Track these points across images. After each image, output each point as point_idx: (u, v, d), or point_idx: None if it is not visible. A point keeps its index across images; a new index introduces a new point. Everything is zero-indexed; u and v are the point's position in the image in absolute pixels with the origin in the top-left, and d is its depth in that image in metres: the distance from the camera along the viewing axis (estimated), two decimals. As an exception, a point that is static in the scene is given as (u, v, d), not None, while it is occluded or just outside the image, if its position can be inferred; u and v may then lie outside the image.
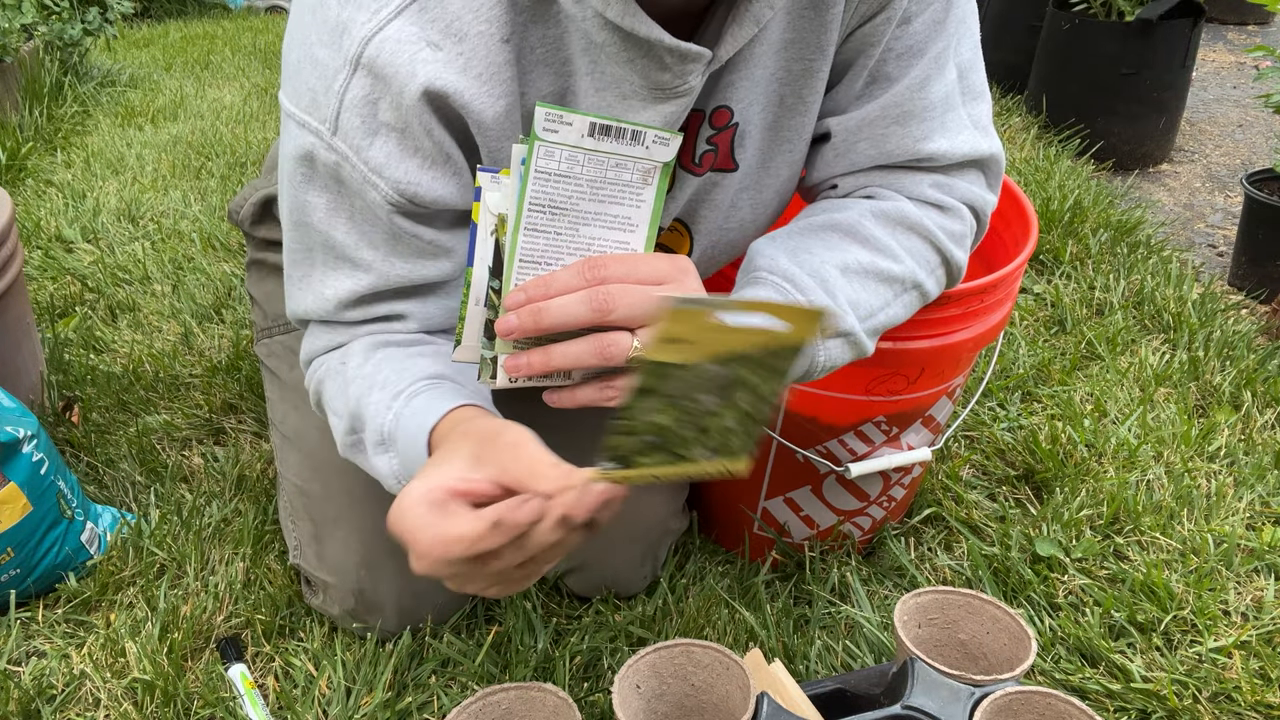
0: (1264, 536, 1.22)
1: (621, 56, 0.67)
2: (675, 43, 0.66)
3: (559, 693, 0.79)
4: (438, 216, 0.75)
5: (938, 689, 0.77)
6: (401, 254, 0.75)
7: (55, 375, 1.54)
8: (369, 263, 0.75)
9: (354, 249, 0.75)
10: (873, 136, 0.80)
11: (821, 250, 0.76)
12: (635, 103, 0.70)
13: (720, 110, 0.77)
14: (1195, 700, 1.02)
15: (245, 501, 1.30)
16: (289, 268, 0.81)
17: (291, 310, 0.84)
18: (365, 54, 0.66)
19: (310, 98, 0.69)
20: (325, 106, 0.68)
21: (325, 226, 0.74)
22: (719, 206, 0.83)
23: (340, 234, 0.74)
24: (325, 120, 0.68)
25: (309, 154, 0.70)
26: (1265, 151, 2.65)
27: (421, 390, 0.73)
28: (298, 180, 0.73)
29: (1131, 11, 2.40)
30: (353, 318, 0.79)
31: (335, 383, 0.79)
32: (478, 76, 0.67)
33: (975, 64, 0.81)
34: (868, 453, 1.10)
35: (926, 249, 0.81)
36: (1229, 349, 1.63)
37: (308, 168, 0.72)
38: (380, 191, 0.70)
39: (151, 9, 4.93)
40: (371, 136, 0.68)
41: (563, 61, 0.70)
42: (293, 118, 0.71)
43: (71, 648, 1.10)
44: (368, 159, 0.69)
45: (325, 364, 0.82)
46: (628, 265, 0.65)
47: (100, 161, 2.60)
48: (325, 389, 0.81)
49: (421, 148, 0.69)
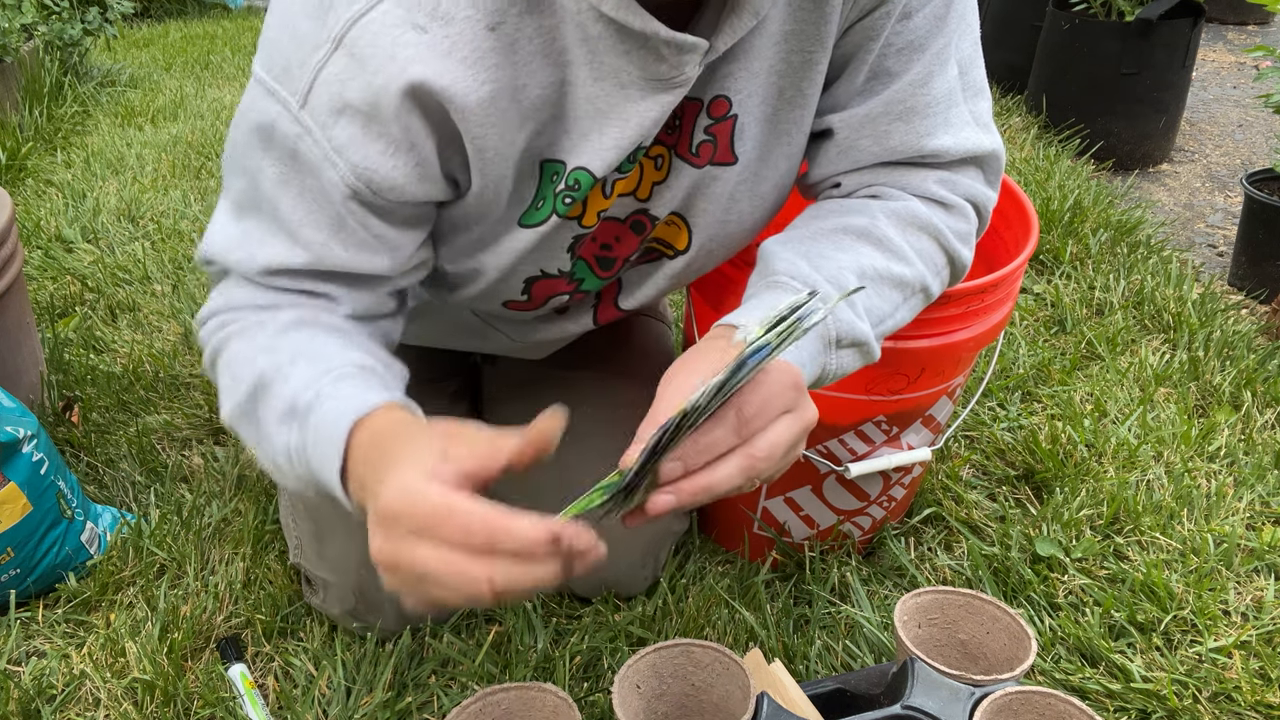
0: (1264, 536, 1.22)
1: (618, 48, 0.67)
2: (671, 34, 0.66)
3: (559, 693, 0.79)
4: (391, 212, 0.73)
5: (938, 689, 0.77)
6: (344, 242, 0.73)
7: (55, 375, 1.54)
8: (308, 241, 0.73)
9: (296, 225, 0.72)
10: (875, 133, 0.80)
11: (837, 254, 0.76)
12: (633, 92, 0.70)
13: (718, 100, 0.77)
14: (1195, 700, 1.02)
15: (245, 501, 1.30)
16: (223, 205, 0.77)
17: (208, 247, 0.77)
18: (349, 35, 0.65)
19: (284, 66, 0.68)
20: (298, 79, 0.67)
21: (272, 195, 0.72)
22: (718, 200, 0.83)
23: (285, 207, 0.72)
24: (296, 92, 0.68)
25: (270, 123, 0.69)
26: (1265, 151, 2.65)
27: (350, 375, 0.69)
28: (255, 145, 0.72)
29: (1131, 11, 2.40)
30: (279, 285, 0.75)
31: (245, 344, 0.74)
32: (462, 60, 0.67)
33: (976, 60, 0.81)
34: (868, 452, 1.10)
35: (935, 250, 0.80)
36: (1229, 349, 1.63)
37: (265, 138, 0.70)
38: (338, 171, 0.69)
39: (151, 9, 4.93)
40: (337, 116, 0.67)
41: (559, 52, 0.70)
42: (262, 84, 0.70)
43: (71, 648, 1.10)
44: (331, 136, 0.68)
45: (240, 320, 0.75)
46: (766, 406, 0.63)
47: (100, 161, 2.60)
48: (230, 347, 0.74)
49: (387, 133, 0.68)
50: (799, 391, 0.64)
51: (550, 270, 0.85)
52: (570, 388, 1.15)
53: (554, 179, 0.76)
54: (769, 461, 0.62)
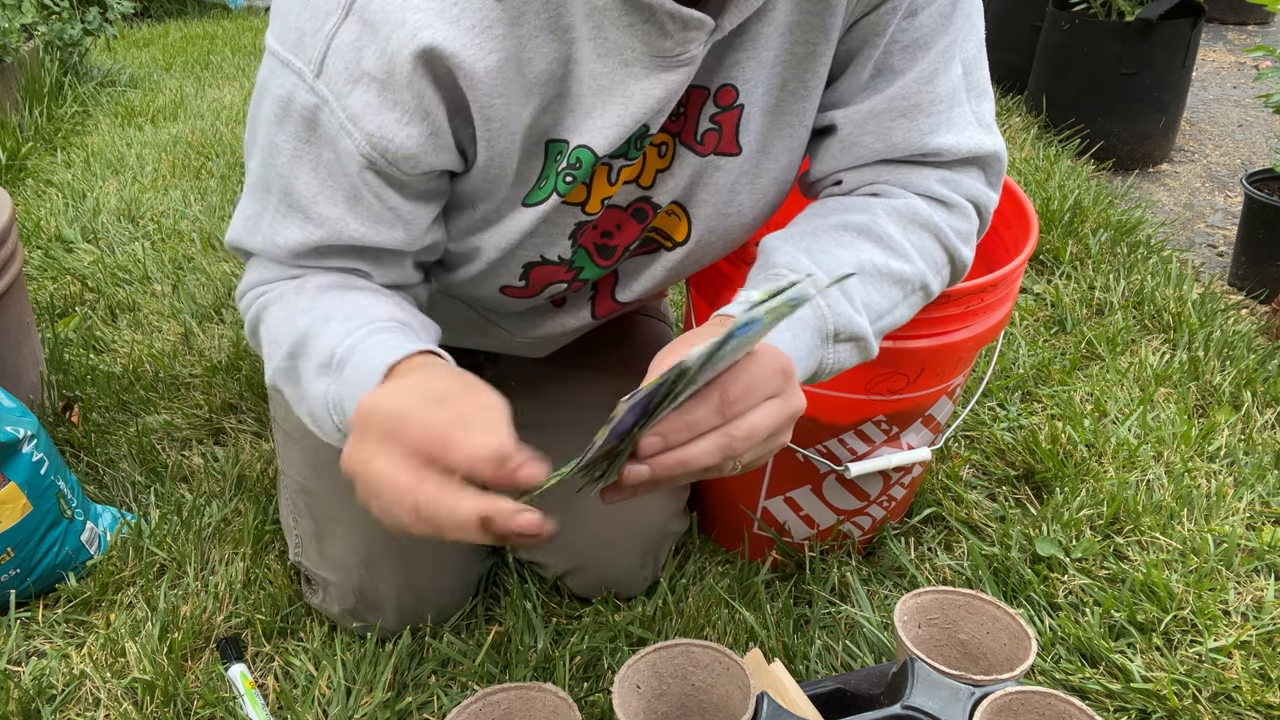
0: (1264, 536, 1.22)
1: (623, 21, 0.67)
2: (676, 7, 0.66)
3: (559, 693, 0.79)
4: (405, 184, 0.74)
5: (938, 689, 0.77)
6: (359, 215, 0.73)
7: (55, 375, 1.54)
8: (324, 217, 0.73)
9: (311, 201, 0.73)
10: (878, 130, 0.80)
11: (837, 249, 0.76)
12: (638, 70, 0.70)
13: (725, 89, 0.77)
14: (1195, 700, 1.02)
15: (245, 501, 1.30)
16: (245, 193, 0.79)
17: (233, 237, 0.80)
18: (359, 1, 0.66)
19: (297, 37, 0.68)
20: (312, 48, 0.68)
21: (287, 172, 0.73)
22: (719, 191, 0.83)
23: (301, 183, 0.73)
24: (310, 61, 0.68)
25: (287, 95, 0.70)
26: (1265, 151, 2.65)
27: (386, 329, 0.70)
28: (270, 119, 0.72)
29: (1131, 11, 2.40)
30: (306, 264, 0.77)
31: (283, 309, 0.75)
32: (470, 29, 0.67)
33: (980, 61, 0.81)
34: (868, 452, 1.10)
35: (936, 248, 0.81)
36: (1229, 349, 1.63)
37: (282, 109, 0.71)
38: (354, 140, 0.69)
39: (151, 9, 4.93)
40: (353, 84, 0.68)
41: (565, 28, 0.70)
42: (276, 55, 0.70)
43: (71, 648, 1.10)
44: (346, 105, 0.68)
45: (276, 289, 0.77)
46: (751, 389, 0.62)
47: (100, 161, 2.60)
48: (269, 314, 0.76)
49: (401, 101, 0.68)
50: (786, 378, 0.64)
51: (550, 257, 0.85)
52: (572, 385, 1.15)
53: (558, 158, 0.76)
54: (748, 443, 0.62)
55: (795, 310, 0.59)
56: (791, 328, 0.71)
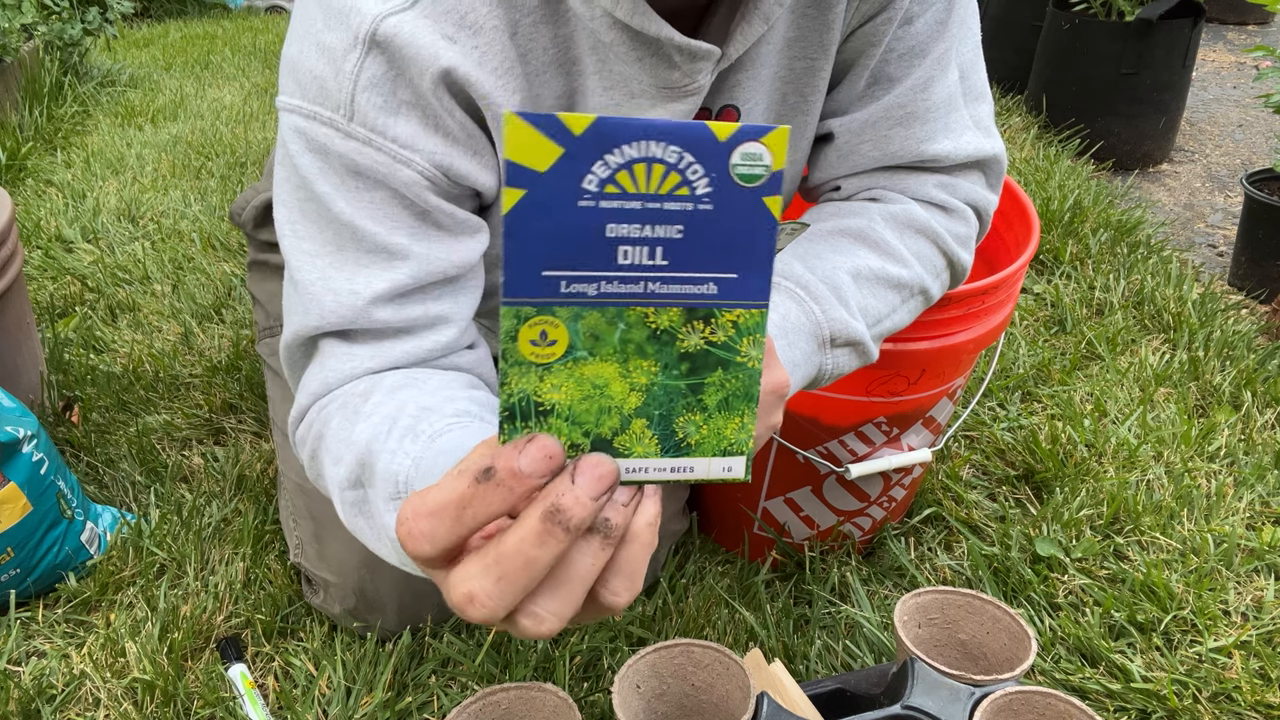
0: (1264, 536, 1.22)
1: (630, 56, 0.67)
2: (685, 41, 0.66)
3: (559, 693, 0.79)
4: (464, 199, 0.71)
5: (938, 689, 0.77)
6: (433, 235, 0.69)
7: (55, 375, 1.54)
8: (404, 248, 0.68)
9: (385, 236, 0.67)
10: (876, 137, 0.80)
11: (832, 255, 0.76)
12: (644, 101, 0.70)
13: (727, 109, 0.77)
14: (1195, 700, 1.02)
15: (245, 501, 1.30)
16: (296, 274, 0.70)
17: (295, 330, 0.71)
18: (380, 31, 0.62)
19: (318, 86, 0.65)
20: (337, 92, 0.64)
21: (349, 218, 0.67)
22: None
23: (366, 223, 0.67)
24: (339, 106, 0.64)
25: (322, 147, 0.66)
26: (1265, 151, 2.65)
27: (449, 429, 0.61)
28: (313, 173, 0.67)
29: (1131, 11, 2.40)
30: (384, 318, 0.69)
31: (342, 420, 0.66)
32: (494, 70, 0.66)
33: (977, 64, 0.81)
34: (868, 453, 1.10)
35: (934, 253, 0.81)
36: (1229, 349, 1.64)
37: (322, 160, 0.67)
38: (416, 168, 0.66)
39: (151, 9, 4.93)
40: (394, 115, 0.64)
41: (571, 62, 0.69)
42: (298, 113, 0.66)
43: (71, 648, 1.10)
44: (395, 136, 0.65)
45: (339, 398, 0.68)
46: None
47: (100, 161, 2.60)
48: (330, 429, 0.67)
49: (443, 125, 0.66)
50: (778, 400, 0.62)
51: None
52: None
53: None
54: None
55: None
56: (787, 335, 0.71)
